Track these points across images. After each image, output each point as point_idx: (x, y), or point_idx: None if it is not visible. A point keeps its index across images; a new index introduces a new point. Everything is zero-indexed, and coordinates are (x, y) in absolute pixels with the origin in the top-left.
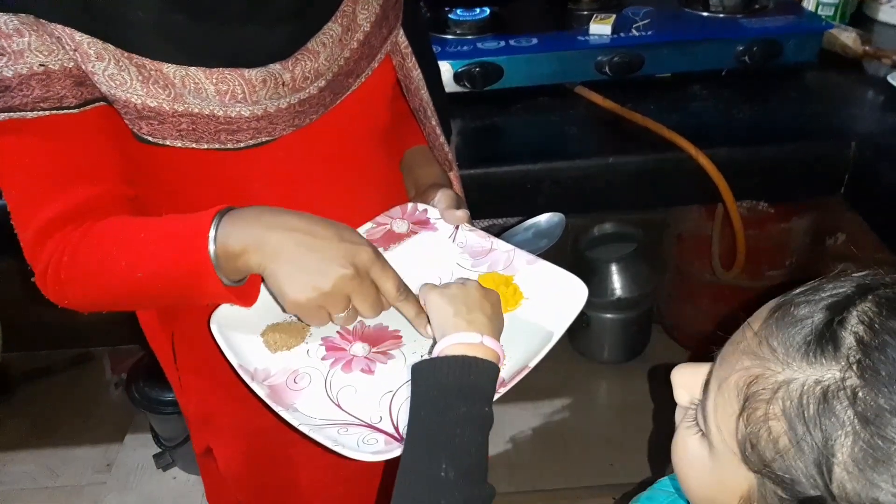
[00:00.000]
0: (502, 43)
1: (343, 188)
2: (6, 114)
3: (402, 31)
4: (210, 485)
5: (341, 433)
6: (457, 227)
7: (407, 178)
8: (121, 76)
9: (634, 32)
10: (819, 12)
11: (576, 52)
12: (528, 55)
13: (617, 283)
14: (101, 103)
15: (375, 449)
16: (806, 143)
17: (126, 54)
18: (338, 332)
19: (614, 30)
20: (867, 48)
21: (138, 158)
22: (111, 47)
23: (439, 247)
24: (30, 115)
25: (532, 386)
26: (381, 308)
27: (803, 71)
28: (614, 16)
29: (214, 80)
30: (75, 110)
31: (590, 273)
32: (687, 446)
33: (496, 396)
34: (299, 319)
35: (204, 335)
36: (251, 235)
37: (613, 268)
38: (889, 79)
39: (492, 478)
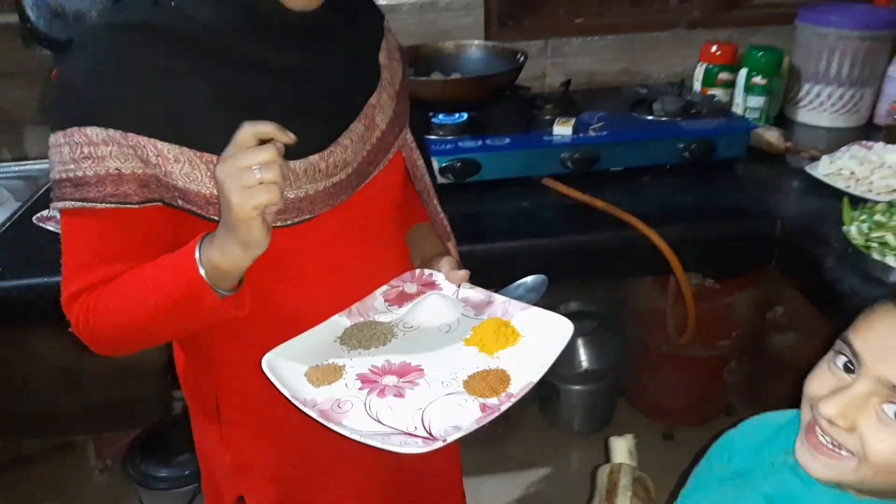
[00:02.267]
0: (479, 142)
1: (369, 258)
2: (81, 203)
3: (408, 130)
4: None
5: (384, 441)
6: (459, 286)
7: (412, 250)
8: (194, 173)
9: (591, 133)
10: (747, 115)
11: (542, 149)
12: (502, 152)
13: (583, 355)
14: (158, 203)
15: (416, 448)
16: (739, 222)
17: (198, 154)
18: (369, 369)
19: (574, 131)
20: (788, 144)
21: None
22: (186, 150)
23: (446, 302)
24: (99, 206)
25: (510, 457)
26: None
27: (735, 164)
28: (574, 119)
29: None
30: (136, 206)
31: None
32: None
33: (509, 405)
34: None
35: (248, 386)
36: (221, 240)
37: (580, 341)
38: (807, 169)
39: None
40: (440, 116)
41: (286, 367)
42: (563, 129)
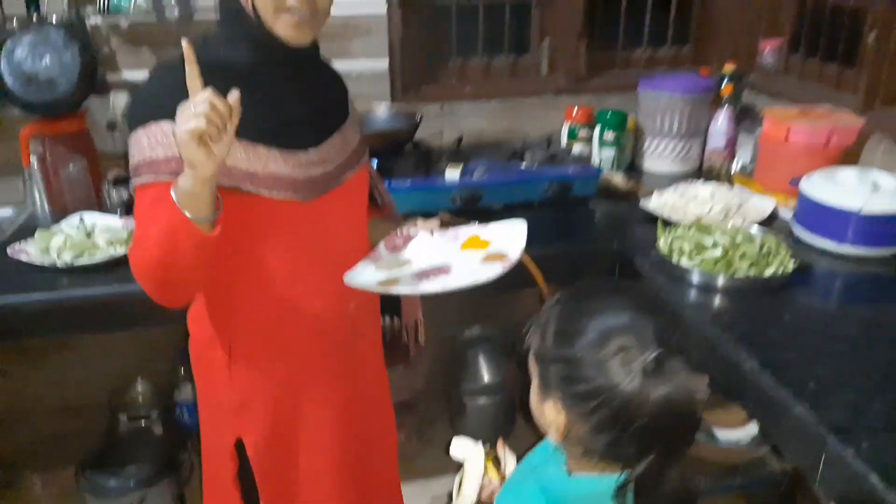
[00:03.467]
0: (386, 184)
1: (346, 238)
2: (153, 175)
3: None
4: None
5: (472, 280)
6: (432, 233)
7: (375, 234)
8: (233, 153)
9: (476, 177)
10: (602, 164)
11: (436, 190)
12: (404, 192)
13: (485, 370)
14: None
15: (496, 271)
16: (588, 243)
17: (241, 142)
18: (414, 274)
19: (461, 175)
20: (630, 185)
21: (235, 213)
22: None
23: (429, 241)
24: (165, 178)
25: (423, 468)
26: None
27: (588, 201)
28: (461, 165)
29: (283, 157)
30: None
31: (464, 364)
32: (534, 403)
33: (518, 258)
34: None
35: (260, 326)
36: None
37: (481, 359)
38: (642, 203)
39: None
40: None
41: (363, 282)
42: (452, 174)
